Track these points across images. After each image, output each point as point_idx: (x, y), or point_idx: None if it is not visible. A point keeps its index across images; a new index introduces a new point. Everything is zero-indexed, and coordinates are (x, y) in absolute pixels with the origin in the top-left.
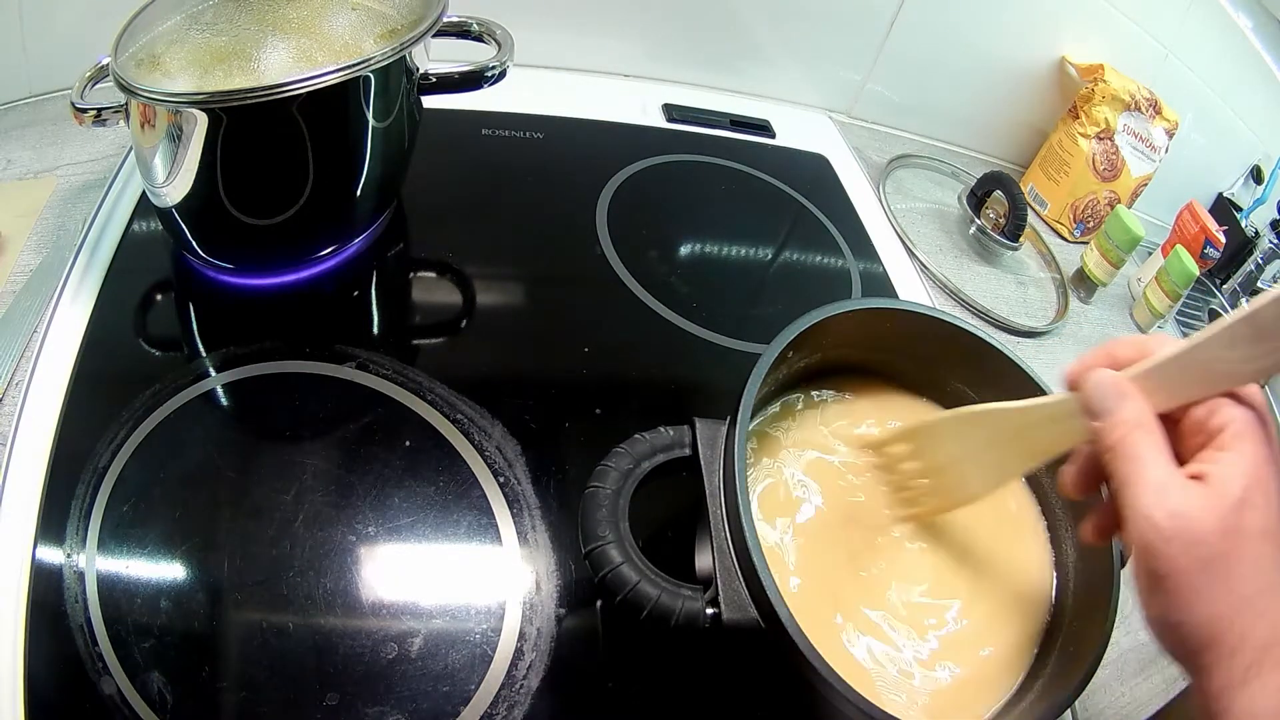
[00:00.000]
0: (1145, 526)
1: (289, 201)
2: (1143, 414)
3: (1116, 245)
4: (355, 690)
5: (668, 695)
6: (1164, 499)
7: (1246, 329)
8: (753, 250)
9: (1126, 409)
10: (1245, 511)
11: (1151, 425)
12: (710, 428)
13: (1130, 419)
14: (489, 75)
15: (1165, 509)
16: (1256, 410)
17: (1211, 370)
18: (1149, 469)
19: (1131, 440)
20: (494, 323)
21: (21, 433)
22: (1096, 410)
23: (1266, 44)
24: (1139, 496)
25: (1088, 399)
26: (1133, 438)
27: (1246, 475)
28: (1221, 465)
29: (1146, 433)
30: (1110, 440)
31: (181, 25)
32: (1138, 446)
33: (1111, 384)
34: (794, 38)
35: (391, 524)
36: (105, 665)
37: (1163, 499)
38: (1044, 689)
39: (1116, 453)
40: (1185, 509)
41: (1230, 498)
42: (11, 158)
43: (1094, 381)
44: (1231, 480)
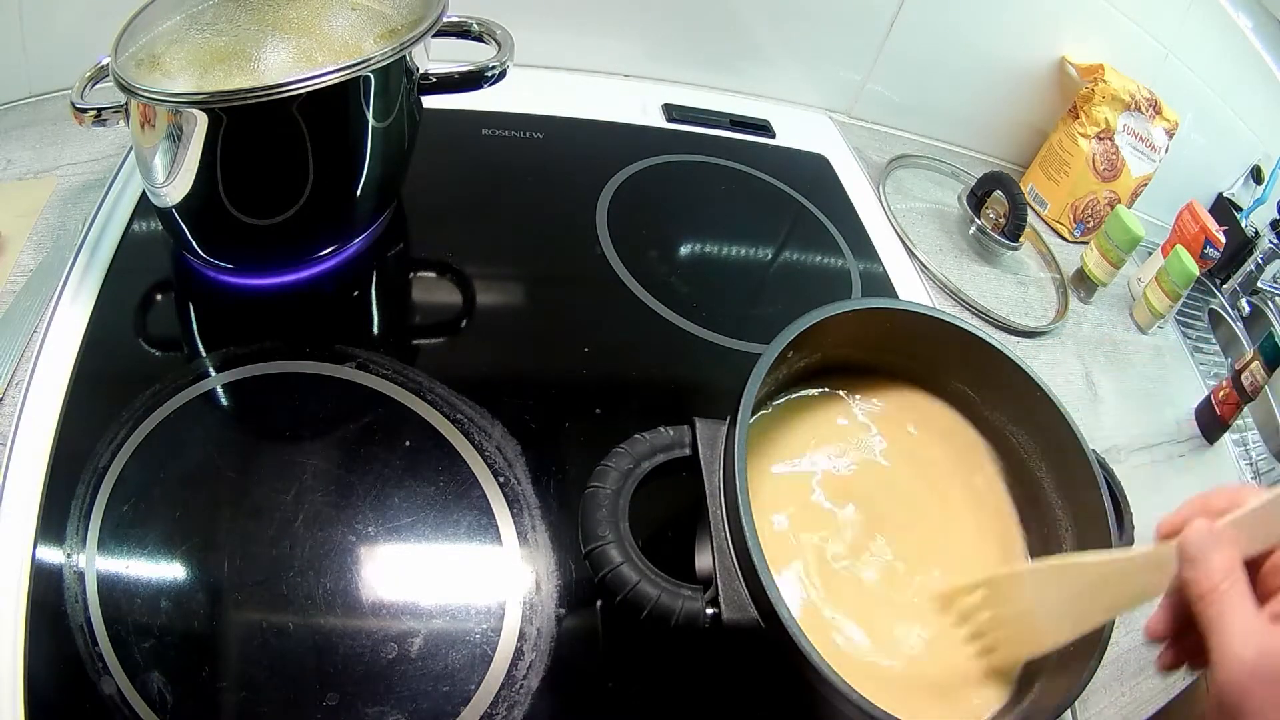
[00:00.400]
0: (1234, 665)
1: (289, 201)
2: (1235, 563)
3: (1116, 245)
4: (355, 690)
5: (668, 695)
6: (1250, 639)
7: None
8: (753, 250)
9: (1220, 556)
10: None
11: (1239, 573)
12: (710, 428)
13: (1224, 568)
14: (489, 75)
15: (1251, 648)
16: None
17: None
18: (1238, 613)
19: (1223, 588)
20: (494, 323)
21: (21, 433)
22: (1191, 557)
23: (1266, 44)
24: (1228, 639)
25: (1184, 546)
26: (1225, 584)
27: None
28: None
29: (1235, 580)
30: (1204, 587)
31: (181, 25)
32: (1229, 594)
33: (1208, 531)
34: (794, 38)
35: (391, 524)
36: (105, 665)
37: (1249, 639)
38: (1044, 689)
39: (1209, 600)
40: (1267, 648)
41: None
42: (11, 158)
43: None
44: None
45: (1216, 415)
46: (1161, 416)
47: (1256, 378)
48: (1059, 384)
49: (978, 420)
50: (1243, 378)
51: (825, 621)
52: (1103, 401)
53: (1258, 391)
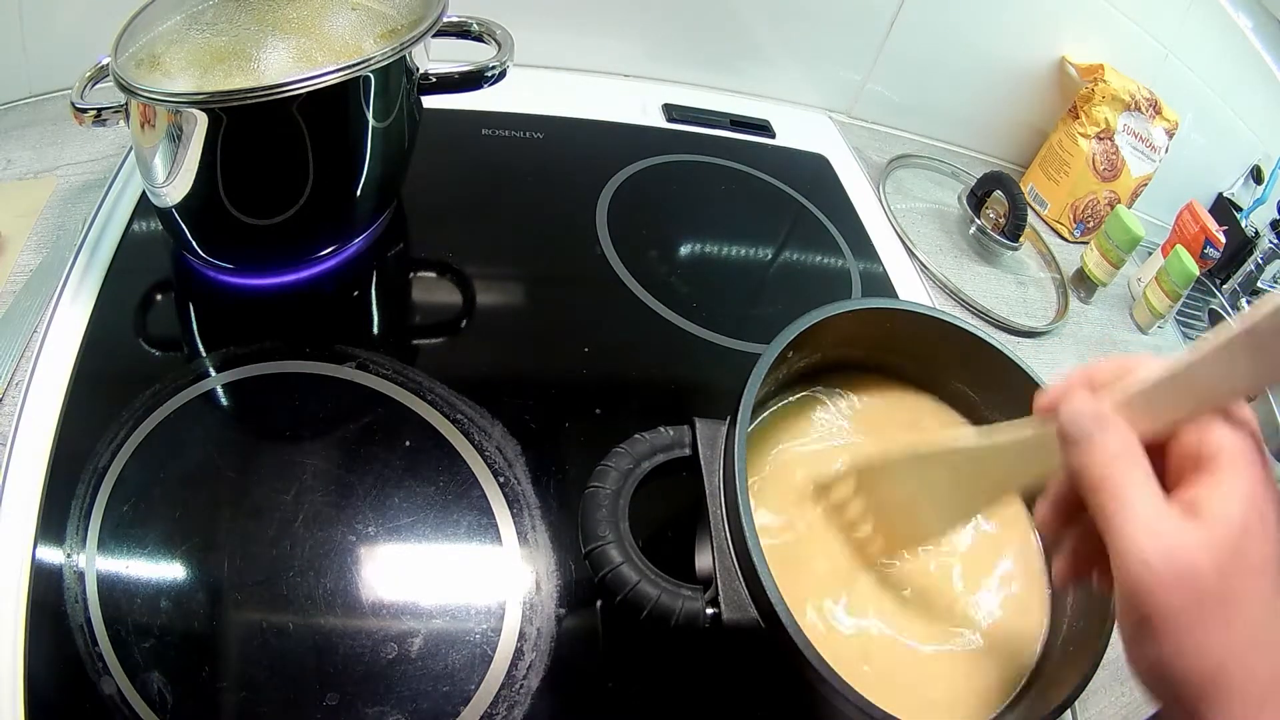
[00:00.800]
0: (1136, 569)
1: (289, 201)
2: (1127, 444)
3: (1116, 245)
4: (355, 690)
5: (668, 695)
6: (1156, 537)
7: (1247, 341)
8: (753, 250)
9: (1108, 439)
10: (1244, 544)
11: (1137, 456)
12: (710, 428)
13: (1113, 450)
14: (489, 75)
15: (1158, 548)
16: (1248, 431)
17: (1202, 389)
18: (1137, 505)
19: (1115, 474)
20: (494, 323)
21: (21, 433)
22: (1074, 440)
23: (1266, 44)
24: (1128, 536)
25: (1064, 428)
26: (1117, 471)
27: (1243, 504)
28: (1216, 495)
29: (1132, 465)
30: (1091, 474)
31: (181, 25)
32: (1123, 480)
33: (1091, 411)
34: (794, 38)
35: (391, 524)
36: (105, 665)
37: (1154, 538)
38: (1044, 689)
39: (1099, 488)
40: (1179, 547)
41: (1228, 531)
42: (11, 158)
43: (1072, 408)
44: (1228, 511)
45: None
46: None
47: None
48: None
49: (978, 420)
50: None
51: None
52: None
53: None
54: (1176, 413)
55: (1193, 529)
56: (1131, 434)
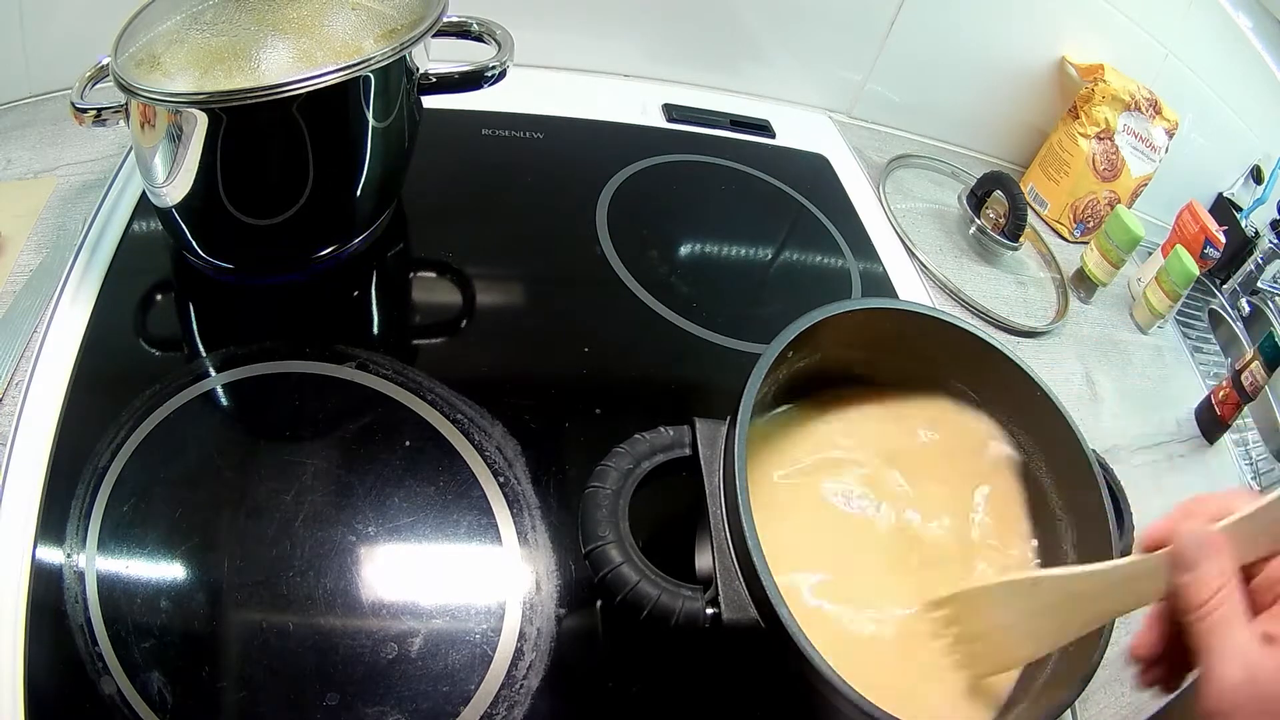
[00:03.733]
0: (1220, 689)
1: (289, 201)
2: (1230, 572)
3: (1116, 245)
4: (355, 690)
5: (668, 695)
6: (1241, 662)
7: None
8: (753, 250)
9: (1216, 565)
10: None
11: (1236, 586)
12: (710, 428)
13: (1220, 577)
14: (489, 75)
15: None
16: None
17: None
18: (1233, 633)
19: (1219, 602)
20: (494, 323)
21: (21, 433)
22: (1186, 565)
23: (1266, 44)
24: (1220, 660)
25: (1178, 555)
26: (1220, 599)
27: None
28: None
29: (1232, 593)
30: (1199, 598)
31: (181, 25)
32: (1225, 609)
33: (1203, 537)
34: (794, 38)
35: (391, 524)
36: (105, 665)
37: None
38: (1044, 689)
39: (1205, 614)
40: (1259, 673)
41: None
42: (11, 158)
43: (1187, 536)
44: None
45: (1216, 415)
46: (1161, 416)
47: (1256, 378)
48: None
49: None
50: (1243, 378)
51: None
52: (1103, 401)
53: (1258, 391)
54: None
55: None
56: (1232, 562)
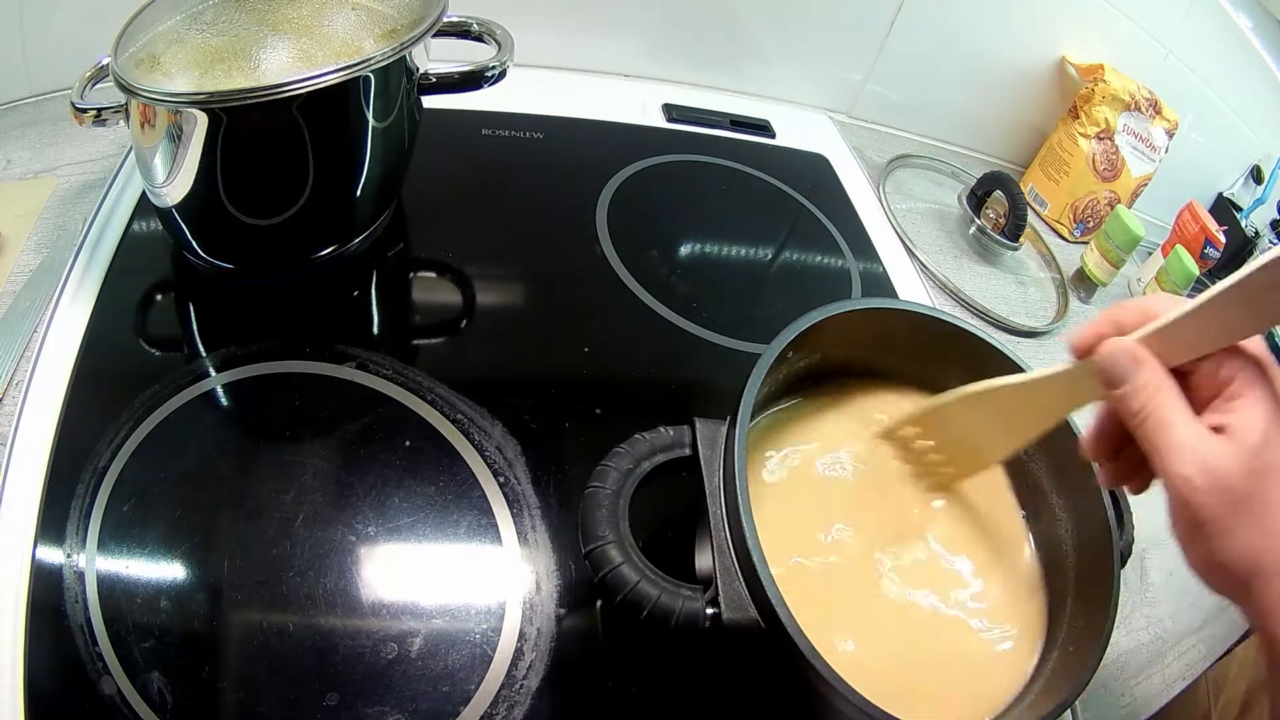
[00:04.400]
0: (1180, 483)
1: (289, 201)
2: (1161, 377)
3: (1116, 245)
4: (355, 690)
5: (668, 695)
6: (1194, 454)
7: (1239, 294)
8: (753, 250)
9: (1144, 373)
10: (1267, 453)
11: (1170, 386)
12: (710, 428)
13: (1151, 383)
14: (489, 75)
15: (1195, 464)
16: (1260, 359)
17: (1213, 329)
18: (1178, 429)
19: (1155, 404)
20: (494, 323)
21: (21, 433)
22: (1115, 378)
23: (1266, 44)
24: (1171, 457)
25: (1104, 369)
26: (1155, 401)
27: (1262, 420)
28: (1238, 414)
29: (1167, 394)
30: (1134, 406)
31: (181, 25)
32: (1162, 409)
33: (1126, 351)
34: (794, 38)
35: (391, 524)
36: (105, 665)
37: (1193, 455)
38: (1044, 689)
39: (1143, 417)
40: (1214, 462)
41: (1251, 443)
42: (11, 158)
43: (1109, 350)
44: (1250, 427)
45: None
46: None
47: None
48: None
49: None
50: None
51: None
52: None
53: None
54: (1194, 348)
55: (1223, 445)
56: (1162, 369)
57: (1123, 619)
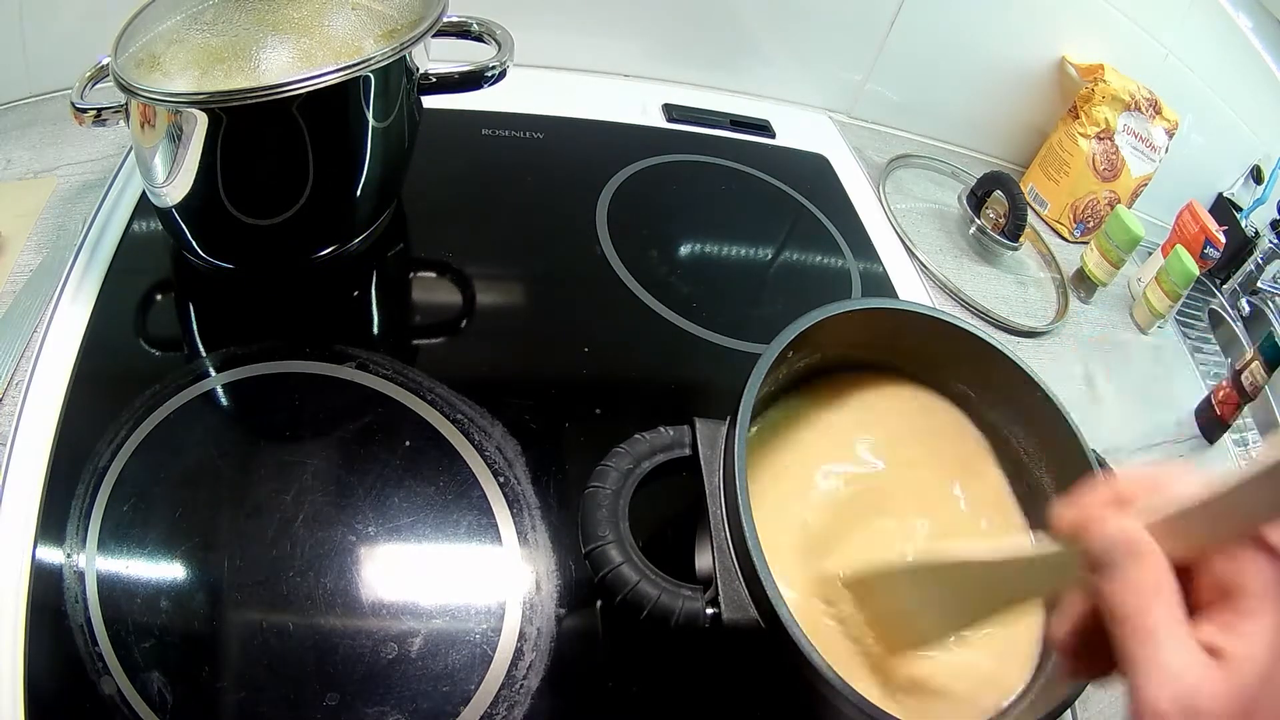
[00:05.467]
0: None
1: (289, 201)
2: (1160, 576)
3: (1116, 245)
4: (355, 690)
5: (668, 695)
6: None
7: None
8: (753, 250)
9: (1143, 569)
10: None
11: (1169, 590)
12: (710, 428)
13: (1148, 583)
14: (489, 75)
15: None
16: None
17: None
18: (1164, 650)
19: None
20: (494, 323)
21: (21, 433)
22: (1105, 567)
23: (1266, 44)
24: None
25: (1096, 554)
26: (1147, 608)
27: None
28: (1242, 639)
29: (1162, 603)
30: (1121, 606)
31: (181, 25)
32: (1152, 619)
33: (1124, 539)
34: (794, 38)
35: (391, 524)
36: (105, 665)
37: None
38: (1044, 689)
39: (1126, 623)
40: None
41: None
42: (11, 158)
43: (1106, 533)
44: (1251, 658)
45: (1216, 415)
46: (1161, 416)
47: (1256, 378)
48: (1059, 384)
49: (978, 420)
50: (1243, 378)
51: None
52: (1103, 401)
53: (1258, 391)
54: (1211, 537)
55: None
56: (1165, 566)
57: None
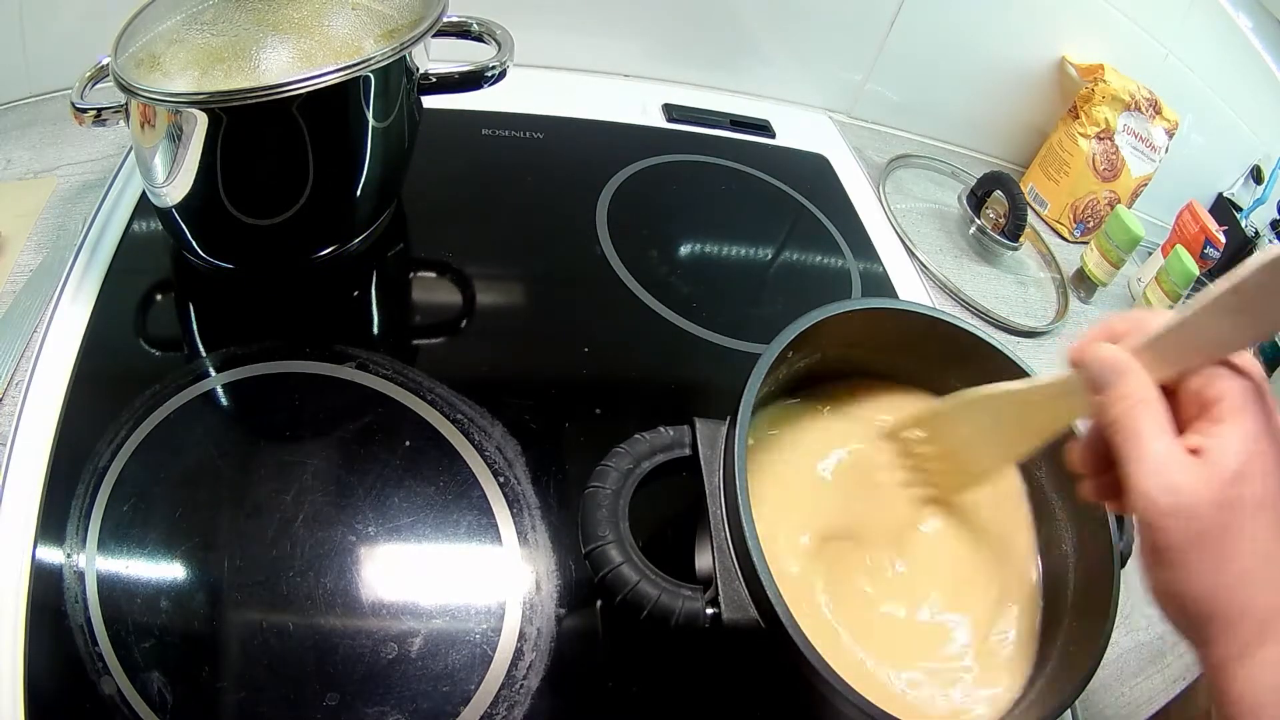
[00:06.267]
0: (1144, 503)
1: (289, 201)
2: (1143, 387)
3: (1116, 245)
4: (355, 690)
5: (668, 695)
6: (1162, 475)
7: (1232, 299)
8: (753, 250)
9: (1128, 382)
10: (1241, 485)
11: (1152, 398)
12: (710, 428)
13: (1131, 392)
14: (489, 75)
15: (1162, 485)
16: (1253, 380)
17: (1205, 340)
18: (1149, 444)
19: (1133, 415)
20: (494, 323)
21: (21, 433)
22: (1099, 384)
23: (1266, 44)
24: (1139, 473)
25: (1089, 374)
26: (1134, 412)
27: (1243, 448)
28: (1218, 438)
29: (1147, 406)
30: (1112, 414)
31: (181, 25)
32: (1138, 421)
33: (1111, 357)
34: (794, 38)
35: (391, 524)
36: (105, 665)
37: (1161, 475)
38: (1044, 689)
39: (1118, 427)
40: (1181, 484)
41: (1226, 471)
42: (11, 158)
43: (1095, 356)
44: (1228, 453)
45: None
46: None
47: None
48: None
49: None
50: None
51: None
52: None
53: None
54: (1184, 360)
55: (1194, 468)
56: (1147, 378)
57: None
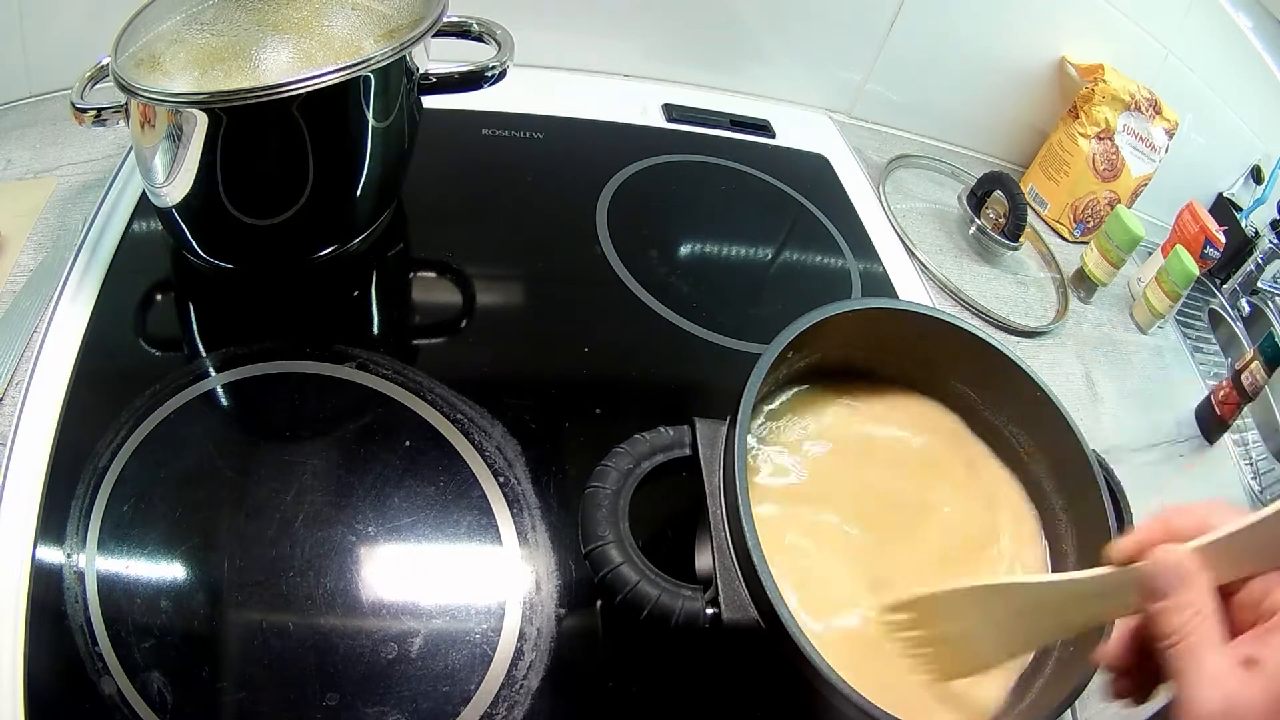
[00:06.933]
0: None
1: (289, 201)
2: (1206, 598)
3: (1116, 245)
4: (355, 690)
5: (668, 695)
6: (1217, 688)
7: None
8: (753, 250)
9: (1191, 591)
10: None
11: (1212, 610)
12: (710, 428)
13: (1194, 602)
14: (489, 75)
15: (1216, 698)
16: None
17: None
18: (1206, 659)
19: (1193, 627)
20: (494, 323)
21: (21, 433)
22: (1159, 592)
23: (1266, 44)
24: (1193, 684)
25: (1150, 580)
26: (1195, 624)
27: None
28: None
29: (1206, 619)
30: (1171, 626)
31: (181, 25)
32: (1198, 637)
33: (1177, 563)
34: (794, 38)
35: (391, 524)
36: (105, 665)
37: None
38: (1044, 689)
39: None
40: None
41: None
42: (11, 158)
43: (1159, 560)
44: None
45: (1216, 415)
46: (1161, 416)
47: (1256, 378)
48: (1059, 384)
49: (977, 421)
50: (1243, 378)
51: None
52: (1103, 401)
53: (1258, 391)
54: (1248, 564)
55: (1251, 682)
56: (1211, 590)
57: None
